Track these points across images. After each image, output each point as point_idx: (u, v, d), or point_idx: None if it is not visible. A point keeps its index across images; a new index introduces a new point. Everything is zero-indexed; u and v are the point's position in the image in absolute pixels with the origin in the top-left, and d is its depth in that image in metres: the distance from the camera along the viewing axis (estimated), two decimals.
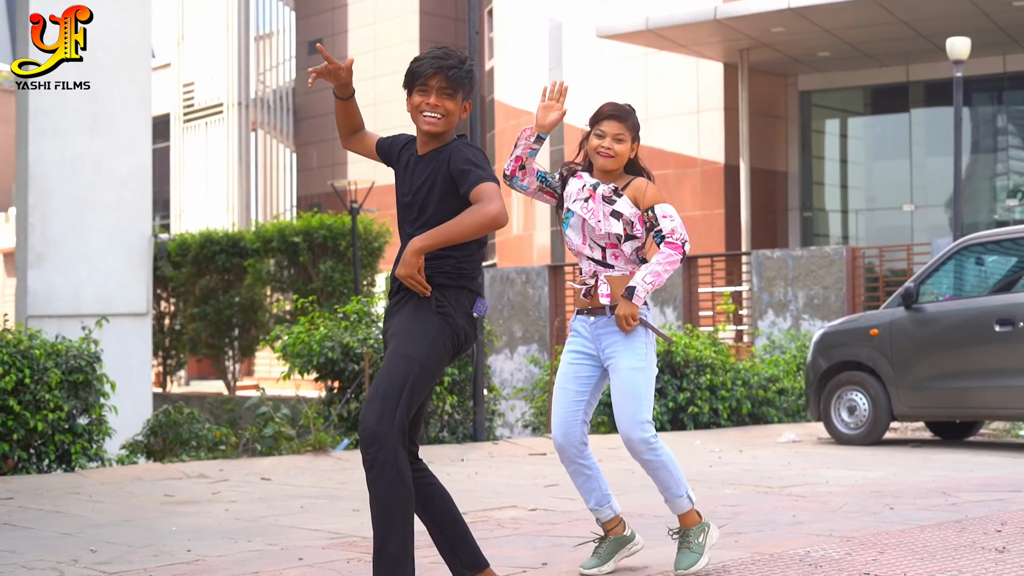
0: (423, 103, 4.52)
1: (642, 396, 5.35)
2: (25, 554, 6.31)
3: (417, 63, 4.57)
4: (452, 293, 4.47)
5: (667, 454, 5.40)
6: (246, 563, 5.98)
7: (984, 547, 6.10)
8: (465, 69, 4.56)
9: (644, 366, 5.38)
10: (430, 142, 4.58)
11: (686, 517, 5.47)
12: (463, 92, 4.57)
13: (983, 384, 11.83)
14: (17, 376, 9.85)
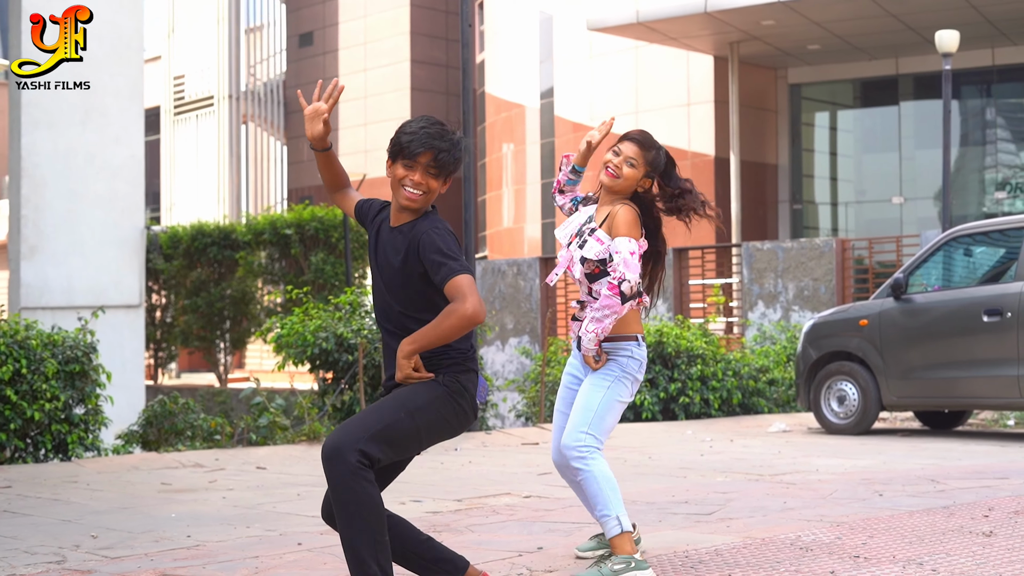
0: (407, 178, 4.40)
1: (592, 410, 5.27)
2: (27, 539, 6.39)
3: (409, 138, 4.41)
4: (458, 376, 4.42)
5: (600, 470, 5.20)
6: (246, 548, 6.07)
7: (972, 531, 6.20)
8: (455, 154, 4.45)
9: (607, 386, 5.30)
10: (405, 215, 4.48)
11: (617, 543, 5.14)
12: (449, 172, 4.48)
13: (971, 374, 11.94)
14: (14, 366, 9.94)
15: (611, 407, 5.32)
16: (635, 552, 5.12)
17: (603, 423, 5.29)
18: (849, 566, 5.29)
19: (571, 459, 5.22)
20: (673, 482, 8.82)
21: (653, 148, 5.49)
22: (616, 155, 5.42)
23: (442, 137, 4.41)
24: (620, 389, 5.35)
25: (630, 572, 5.02)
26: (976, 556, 5.52)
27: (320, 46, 41.94)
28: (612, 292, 5.16)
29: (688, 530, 6.46)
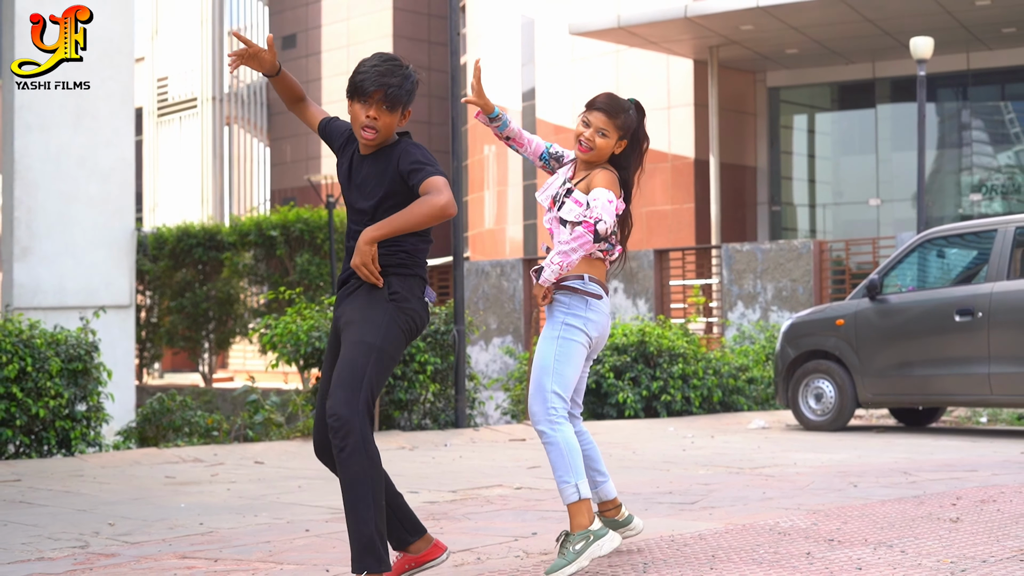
0: (363, 114, 4.59)
1: (546, 363, 5.23)
2: (48, 527, 6.73)
3: (361, 77, 4.62)
4: (403, 281, 4.66)
5: (564, 436, 5.15)
6: (257, 534, 6.42)
7: (940, 518, 6.58)
8: (406, 87, 4.63)
9: (556, 335, 5.27)
10: (369, 149, 4.71)
11: (574, 515, 5.12)
12: (403, 105, 4.64)
13: (944, 372, 12.35)
14: (20, 364, 10.26)
15: (567, 357, 5.26)
16: (591, 522, 5.10)
17: (563, 377, 5.23)
18: (824, 548, 5.66)
19: (536, 424, 5.21)
20: (657, 475, 9.20)
21: (622, 111, 5.38)
22: (586, 126, 5.34)
23: (392, 73, 4.59)
24: (570, 333, 5.27)
25: (592, 545, 5.04)
26: (942, 539, 5.90)
27: (303, 48, 42.24)
28: (587, 229, 5.10)
29: (673, 518, 6.83)
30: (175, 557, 5.75)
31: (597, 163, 5.39)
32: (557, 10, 31.87)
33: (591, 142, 5.32)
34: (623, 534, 5.69)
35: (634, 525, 5.74)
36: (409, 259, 4.66)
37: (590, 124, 5.32)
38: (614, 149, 5.38)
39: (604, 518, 5.67)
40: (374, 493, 4.41)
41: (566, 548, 5.04)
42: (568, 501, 5.10)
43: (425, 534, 4.92)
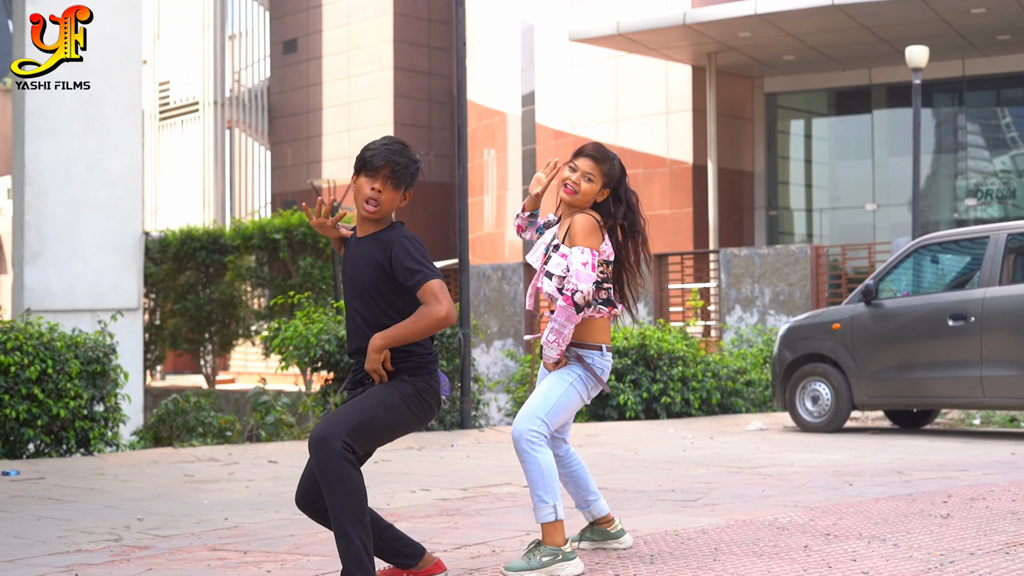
0: (368, 187, 4.85)
1: (551, 401, 5.46)
2: (80, 522, 7.05)
3: (370, 153, 4.88)
4: (419, 381, 4.94)
5: (544, 460, 5.37)
6: (281, 528, 6.74)
7: (931, 514, 6.91)
8: (412, 170, 4.91)
9: (570, 382, 5.50)
10: (369, 225, 4.93)
11: (548, 533, 5.35)
12: (406, 185, 4.91)
13: (937, 375, 12.67)
14: (40, 366, 10.58)
15: (568, 403, 5.50)
16: (564, 543, 5.32)
17: (558, 416, 5.48)
18: (821, 542, 5.99)
19: (520, 440, 5.38)
20: (659, 474, 9.52)
21: (607, 160, 5.60)
22: (573, 171, 5.55)
23: (401, 153, 4.89)
24: (580, 388, 5.52)
25: (557, 563, 5.25)
26: (933, 534, 6.23)
27: (304, 53, 42.53)
28: (566, 303, 5.35)
29: (676, 514, 7.15)
30: (206, 549, 6.07)
31: (581, 208, 5.59)
32: (556, 16, 32.20)
33: (577, 185, 5.52)
34: (610, 545, 5.87)
35: (623, 540, 5.91)
36: (421, 360, 4.94)
37: (577, 169, 5.54)
38: (597, 197, 5.59)
39: (598, 529, 5.89)
40: (356, 510, 4.62)
41: (533, 555, 5.28)
42: (544, 520, 5.33)
43: (425, 554, 5.13)
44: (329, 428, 4.65)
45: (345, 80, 40.74)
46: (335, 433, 4.62)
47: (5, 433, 10.55)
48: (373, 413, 4.75)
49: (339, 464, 4.59)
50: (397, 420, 4.85)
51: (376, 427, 4.77)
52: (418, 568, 5.10)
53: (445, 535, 6.42)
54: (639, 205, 5.74)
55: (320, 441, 4.62)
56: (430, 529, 6.64)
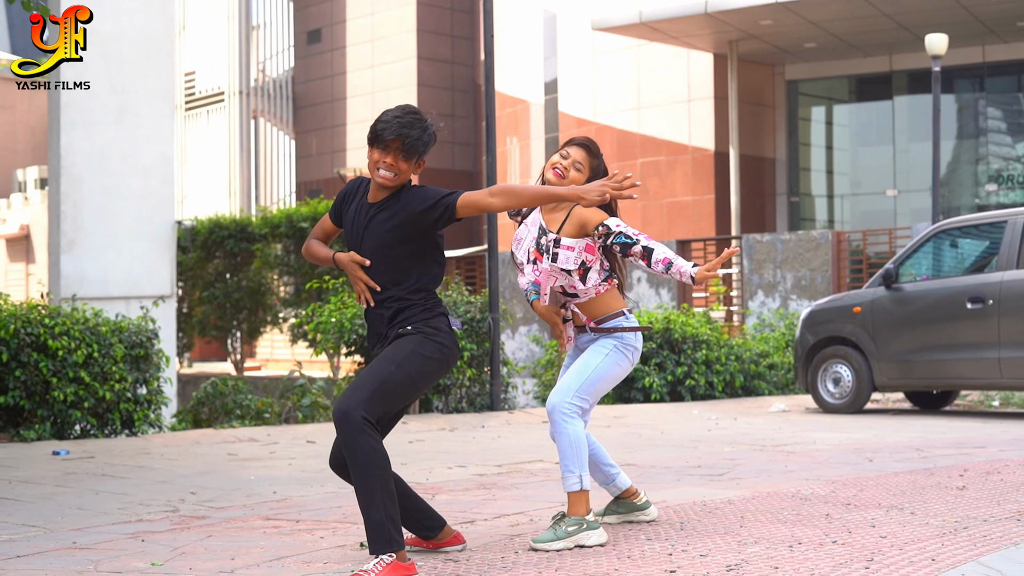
0: (381, 160, 4.98)
1: (586, 375, 5.60)
2: (136, 495, 7.42)
3: (382, 126, 4.99)
4: (429, 318, 5.07)
5: (574, 432, 5.53)
6: (328, 500, 7.10)
7: (948, 487, 7.23)
8: (424, 139, 5.02)
9: (606, 353, 5.64)
10: (382, 192, 5.07)
11: (573, 503, 5.53)
12: (418, 155, 5.03)
13: (956, 356, 12.98)
14: (87, 351, 10.96)
15: (604, 374, 5.62)
16: (588, 513, 5.49)
17: (593, 387, 5.61)
18: (841, 510, 6.32)
19: (553, 412, 5.55)
20: (685, 451, 9.86)
21: (597, 156, 5.75)
22: (564, 158, 5.67)
23: (412, 125, 4.99)
24: (618, 358, 5.66)
25: (582, 532, 5.43)
26: (948, 504, 6.55)
27: (328, 43, 42.90)
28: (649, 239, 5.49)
29: (703, 487, 7.48)
30: (260, 519, 6.43)
31: None
32: (578, 4, 32.48)
33: (566, 171, 5.65)
34: (637, 517, 6.06)
35: (649, 512, 6.10)
36: (428, 298, 5.11)
37: (568, 156, 5.68)
38: None
39: (624, 501, 6.10)
40: (380, 480, 4.78)
41: (559, 526, 5.47)
42: (571, 489, 5.52)
43: (445, 527, 5.38)
44: (347, 402, 4.81)
45: (369, 69, 41.11)
46: (353, 406, 4.78)
47: (53, 415, 10.94)
48: (386, 374, 4.89)
49: (359, 436, 4.77)
50: (415, 371, 4.97)
51: (394, 386, 4.90)
52: (438, 539, 5.37)
53: (484, 506, 6.77)
54: None
55: (342, 415, 4.80)
56: (469, 501, 6.98)
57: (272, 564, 5.19)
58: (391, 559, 4.75)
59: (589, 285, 5.66)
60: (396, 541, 4.78)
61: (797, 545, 5.31)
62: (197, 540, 5.80)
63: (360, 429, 4.76)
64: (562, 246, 5.61)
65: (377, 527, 4.77)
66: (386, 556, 4.74)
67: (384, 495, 4.79)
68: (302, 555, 5.39)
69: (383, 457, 4.82)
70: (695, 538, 5.56)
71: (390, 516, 4.78)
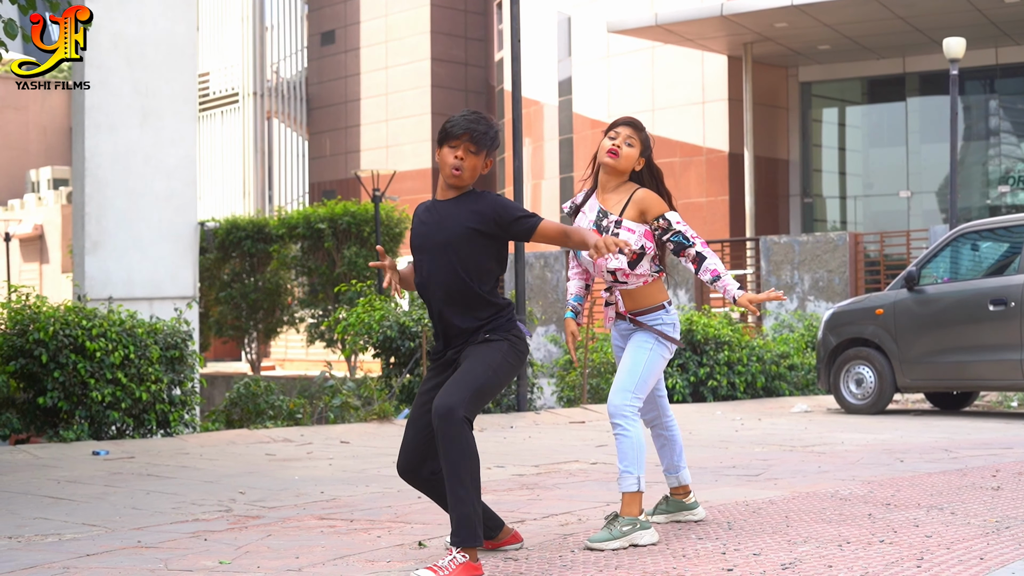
0: (451, 155, 5.16)
1: (637, 373, 5.75)
2: (187, 495, 7.58)
3: (451, 124, 5.19)
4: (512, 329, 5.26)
5: (635, 432, 5.69)
6: (376, 500, 7.25)
7: (982, 487, 7.38)
8: (491, 135, 5.20)
9: (649, 348, 5.79)
10: (450, 191, 5.23)
11: (627, 503, 5.67)
12: (486, 152, 5.21)
13: (978, 358, 13.13)
14: (124, 352, 11.13)
15: (653, 368, 5.78)
16: (641, 514, 5.64)
17: (645, 384, 5.77)
18: (883, 510, 6.46)
19: (615, 415, 5.71)
20: (717, 452, 10.01)
21: (643, 129, 5.90)
22: (614, 138, 5.82)
23: (479, 122, 5.19)
24: (661, 350, 5.81)
25: (636, 532, 5.57)
26: (986, 503, 6.70)
27: (342, 44, 43.09)
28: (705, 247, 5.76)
29: (742, 487, 7.63)
30: (314, 519, 6.58)
31: (620, 177, 5.87)
32: (593, 6, 32.64)
33: (619, 148, 5.80)
34: (684, 516, 6.20)
35: (697, 512, 6.22)
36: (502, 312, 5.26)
37: (618, 135, 5.83)
38: (636, 164, 5.88)
39: (674, 500, 6.24)
40: (472, 476, 5.00)
41: (614, 526, 5.60)
42: (627, 490, 5.67)
43: (504, 527, 5.57)
44: (451, 399, 4.99)
45: (383, 71, 41.29)
46: (457, 404, 4.96)
47: (91, 416, 11.11)
48: (485, 379, 5.08)
49: (461, 433, 4.95)
50: (504, 377, 5.20)
51: (489, 390, 5.12)
52: (497, 539, 5.53)
53: (531, 506, 6.92)
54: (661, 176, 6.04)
55: (447, 412, 4.96)
56: (515, 501, 7.13)
57: (337, 563, 5.34)
58: (464, 559, 4.90)
59: (639, 271, 5.78)
60: (479, 537, 4.96)
61: (846, 544, 5.45)
62: (258, 539, 5.96)
63: (462, 426, 4.94)
64: (623, 227, 5.75)
65: (465, 520, 4.93)
66: (459, 555, 4.90)
67: (475, 491, 4.97)
68: (364, 554, 5.54)
69: (477, 455, 5.02)
70: (745, 537, 5.71)
71: (477, 513, 4.96)
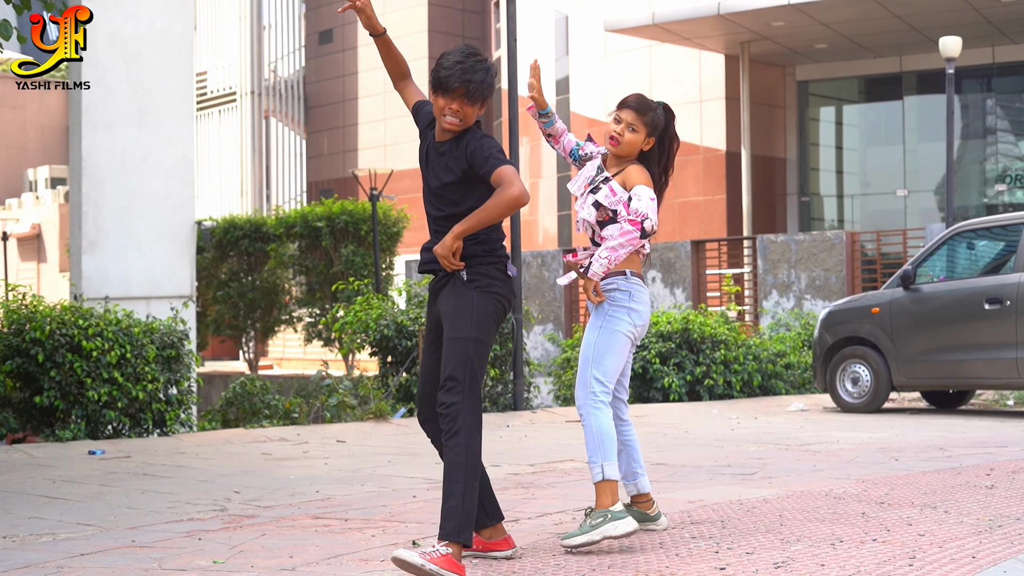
0: (446, 107, 5.03)
1: (588, 360, 5.63)
2: (182, 495, 7.59)
3: (446, 73, 5.00)
4: (485, 268, 5.12)
5: (597, 420, 5.57)
6: (371, 499, 7.27)
7: (976, 486, 7.39)
8: (487, 82, 5.07)
9: (599, 325, 5.65)
10: (446, 135, 5.15)
11: (598, 494, 5.54)
12: (483, 98, 5.08)
13: (974, 357, 13.15)
14: (120, 351, 11.14)
15: (608, 347, 5.62)
16: (613, 504, 5.48)
17: (603, 365, 5.61)
18: (876, 509, 6.48)
19: (580, 407, 5.63)
20: (712, 451, 10.02)
21: (650, 109, 5.73)
22: (617, 123, 5.71)
23: (475, 70, 5.03)
24: (614, 324, 5.63)
25: (608, 524, 5.42)
26: (980, 502, 6.71)
27: (339, 43, 43.10)
28: (632, 226, 5.51)
29: (736, 486, 7.65)
30: (309, 518, 6.59)
31: (627, 158, 5.76)
32: (590, 5, 32.65)
33: (620, 136, 5.69)
34: (647, 527, 5.92)
35: (660, 522, 5.97)
36: (487, 246, 5.19)
37: (621, 120, 5.71)
38: (643, 146, 5.76)
39: (635, 509, 5.95)
40: (469, 474, 4.91)
41: (585, 521, 5.50)
42: (594, 480, 5.56)
43: (500, 522, 5.45)
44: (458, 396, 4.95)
45: (380, 70, 41.11)
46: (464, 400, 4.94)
47: (87, 415, 11.12)
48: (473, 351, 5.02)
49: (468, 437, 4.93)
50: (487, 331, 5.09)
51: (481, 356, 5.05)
52: (490, 538, 5.42)
53: (526, 505, 6.94)
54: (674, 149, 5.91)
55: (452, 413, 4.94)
56: (510, 500, 7.15)
57: (331, 562, 5.35)
58: (448, 551, 4.82)
59: (606, 234, 5.63)
60: (465, 536, 4.89)
61: (839, 543, 5.47)
62: (252, 538, 5.97)
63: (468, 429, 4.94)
64: (608, 184, 5.69)
65: (453, 513, 4.89)
66: (442, 547, 4.82)
67: (468, 487, 4.92)
68: (358, 553, 5.55)
69: (478, 454, 4.99)
70: (738, 536, 5.72)
71: (468, 509, 4.91)
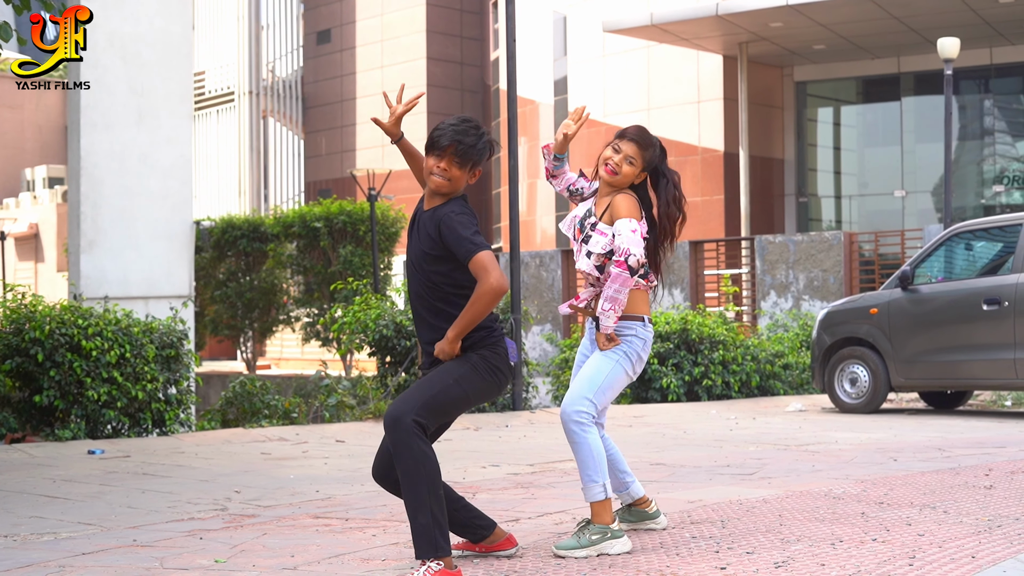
0: (435, 166, 5.08)
1: (598, 381, 5.60)
2: (182, 494, 7.60)
3: (439, 132, 5.10)
4: (486, 351, 5.11)
5: (593, 439, 5.53)
6: (371, 499, 7.28)
7: (975, 486, 7.41)
8: (479, 147, 5.12)
9: (616, 360, 5.63)
10: (435, 198, 5.14)
11: (596, 512, 5.52)
12: (472, 163, 5.12)
13: (972, 357, 13.17)
14: (120, 351, 11.15)
15: (614, 382, 5.64)
16: (612, 522, 5.49)
17: (605, 394, 5.62)
18: (876, 509, 6.49)
19: (568, 422, 5.55)
20: (711, 451, 10.04)
21: (650, 146, 5.73)
22: (616, 152, 5.68)
23: (467, 133, 5.09)
24: (626, 365, 5.65)
25: (606, 541, 5.43)
26: (979, 502, 6.73)
27: (338, 43, 43.10)
28: (620, 268, 5.47)
29: (736, 486, 7.66)
30: (309, 517, 6.61)
31: (618, 188, 5.72)
32: (588, 6, 32.66)
33: (619, 167, 5.67)
34: (647, 525, 5.99)
35: (659, 520, 6.02)
36: (486, 332, 5.12)
37: (620, 151, 5.68)
38: (635, 180, 5.73)
39: (636, 509, 5.99)
40: (428, 484, 4.83)
41: (583, 533, 5.46)
42: (594, 499, 5.51)
43: (496, 528, 5.44)
44: (401, 407, 4.90)
45: (378, 70, 41.30)
46: (406, 411, 4.86)
47: (87, 414, 11.13)
48: (443, 387, 4.97)
49: (410, 440, 4.85)
50: (471, 390, 5.06)
51: (448, 400, 4.99)
52: (489, 541, 5.42)
53: (526, 504, 6.95)
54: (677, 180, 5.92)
55: (393, 421, 4.90)
56: (510, 499, 7.16)
57: (332, 561, 5.36)
58: (439, 566, 4.80)
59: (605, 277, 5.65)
60: (442, 547, 4.83)
61: (839, 543, 5.48)
62: (253, 538, 5.98)
63: (410, 433, 4.84)
64: (597, 230, 5.67)
65: (423, 531, 4.83)
66: (433, 563, 4.80)
67: (432, 500, 4.84)
68: (359, 552, 5.57)
69: (433, 463, 4.88)
70: (738, 536, 5.74)
71: (437, 522, 4.84)
